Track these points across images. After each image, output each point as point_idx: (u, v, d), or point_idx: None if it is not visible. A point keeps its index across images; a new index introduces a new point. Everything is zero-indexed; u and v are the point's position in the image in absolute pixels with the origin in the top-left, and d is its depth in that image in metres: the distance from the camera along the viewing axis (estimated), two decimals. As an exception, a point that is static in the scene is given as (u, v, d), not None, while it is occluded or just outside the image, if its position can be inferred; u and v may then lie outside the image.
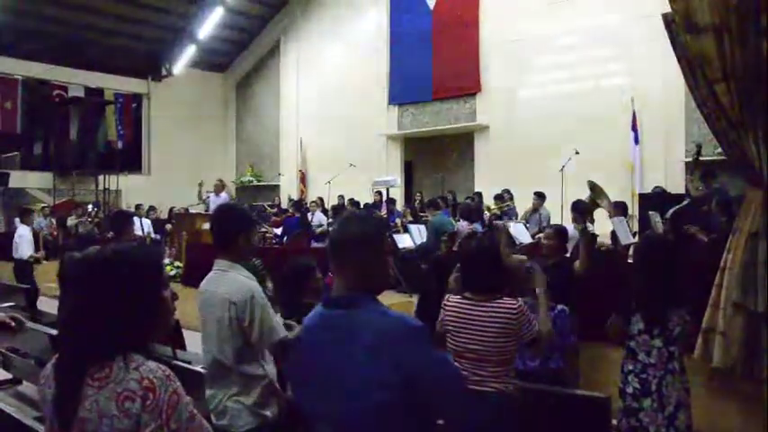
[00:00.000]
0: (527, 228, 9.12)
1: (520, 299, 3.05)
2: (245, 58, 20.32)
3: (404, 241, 9.23)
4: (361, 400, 1.66)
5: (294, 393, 2.23)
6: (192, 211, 12.25)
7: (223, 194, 12.11)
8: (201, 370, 3.36)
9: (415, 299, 7.04)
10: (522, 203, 10.91)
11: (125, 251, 1.64)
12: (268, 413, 2.71)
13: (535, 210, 10.17)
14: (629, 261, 6.23)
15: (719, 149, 8.16)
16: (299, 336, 2.01)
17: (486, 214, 10.14)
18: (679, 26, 4.32)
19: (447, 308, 3.08)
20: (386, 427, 1.68)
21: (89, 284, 1.58)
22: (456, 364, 1.91)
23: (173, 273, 10.01)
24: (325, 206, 13.44)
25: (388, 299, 7.32)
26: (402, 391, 1.64)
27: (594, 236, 6.93)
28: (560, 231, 5.25)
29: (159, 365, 1.53)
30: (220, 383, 2.70)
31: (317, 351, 1.78)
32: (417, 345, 1.69)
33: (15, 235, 9.45)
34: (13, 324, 3.04)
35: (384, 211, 11.37)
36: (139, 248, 1.73)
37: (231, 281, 2.69)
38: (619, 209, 7.70)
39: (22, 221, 9.59)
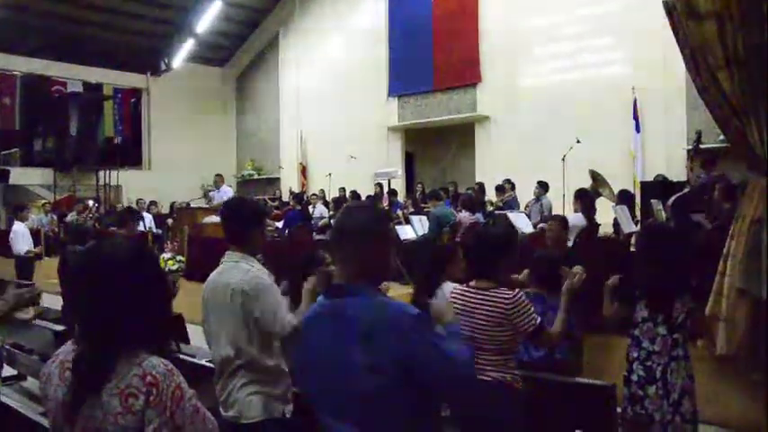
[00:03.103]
0: (529, 218, 9.12)
1: (518, 289, 3.04)
2: (244, 51, 20.26)
3: (406, 232, 9.24)
4: (359, 386, 1.69)
5: (298, 383, 2.24)
6: (193, 205, 12.24)
7: (225, 188, 12.11)
8: (206, 363, 3.36)
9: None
10: (524, 193, 10.90)
11: (121, 245, 1.64)
12: (282, 408, 2.71)
13: (537, 199, 10.16)
14: (632, 249, 6.23)
15: (721, 137, 8.15)
16: (301, 325, 2.02)
17: (489, 208, 10.14)
18: (680, 13, 4.30)
19: (453, 297, 3.09)
20: (385, 413, 1.70)
21: (87, 279, 1.58)
22: (464, 347, 1.90)
23: (175, 267, 10.01)
24: (327, 198, 13.45)
25: (391, 290, 7.32)
26: (399, 378, 1.66)
27: (597, 224, 6.94)
28: (561, 222, 5.27)
29: (162, 360, 1.52)
30: (232, 375, 2.70)
31: (318, 340, 1.80)
32: (415, 331, 1.70)
33: (11, 231, 9.50)
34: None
35: (385, 203, 11.37)
36: (134, 242, 1.73)
37: (243, 272, 2.70)
38: (623, 197, 7.69)
39: (17, 218, 9.64)
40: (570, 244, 5.78)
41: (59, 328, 5.11)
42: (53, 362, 1.60)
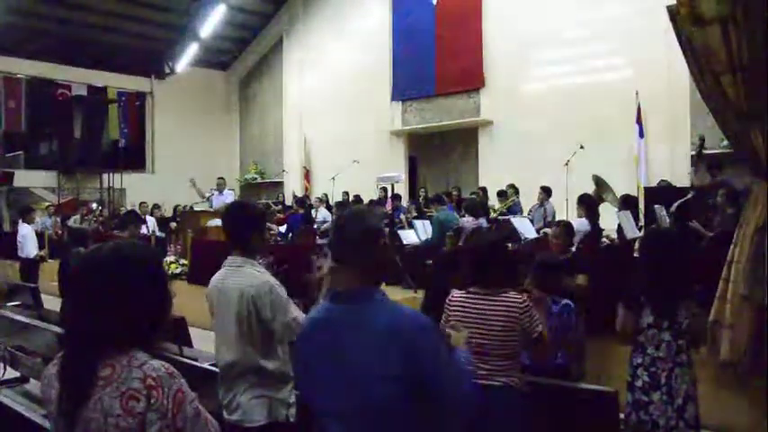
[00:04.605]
0: (532, 223, 9.10)
1: (525, 293, 3.05)
2: (248, 55, 20.31)
3: (409, 237, 9.22)
4: (371, 393, 1.67)
5: (301, 389, 2.23)
6: (196, 208, 12.24)
7: (227, 192, 12.11)
8: (208, 367, 3.36)
9: (420, 294, 7.03)
10: (527, 198, 10.88)
11: (125, 248, 1.63)
12: (285, 411, 2.71)
13: (540, 204, 10.15)
14: (635, 255, 6.21)
15: (725, 142, 8.13)
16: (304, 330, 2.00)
17: (492, 214, 10.12)
18: (684, 18, 4.30)
19: (452, 303, 3.09)
20: (393, 421, 1.69)
21: (89, 281, 1.57)
22: (466, 360, 1.91)
23: (178, 270, 10.03)
24: (330, 203, 13.45)
25: (394, 295, 7.31)
26: (411, 387, 1.65)
27: (600, 230, 6.92)
28: (567, 227, 5.28)
29: (162, 363, 1.52)
30: (236, 379, 2.70)
31: (325, 345, 1.78)
32: (428, 340, 1.70)
33: (18, 235, 9.50)
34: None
35: (389, 207, 11.36)
36: (139, 245, 1.73)
37: (248, 276, 2.70)
38: (627, 202, 7.66)
39: (24, 221, 9.64)
40: (573, 249, 5.77)
41: (62, 330, 5.11)
42: (54, 365, 1.60)
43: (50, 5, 16.03)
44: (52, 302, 6.52)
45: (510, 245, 7.61)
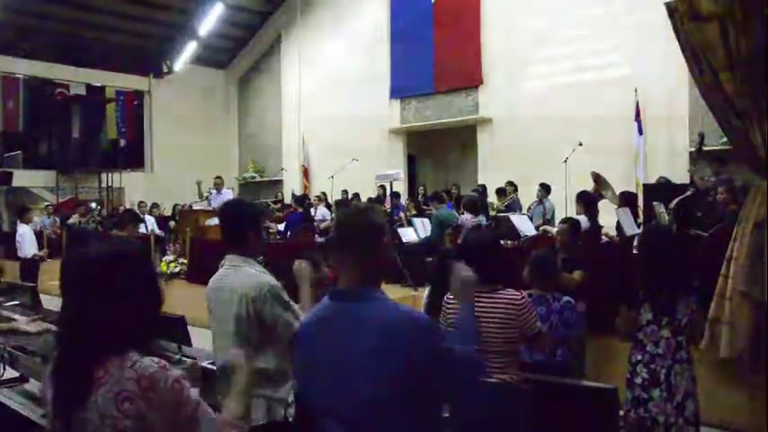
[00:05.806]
0: (531, 220, 9.09)
1: (523, 291, 3.05)
2: (247, 54, 20.26)
3: (408, 235, 9.22)
4: (369, 392, 1.66)
5: (300, 388, 2.23)
6: (195, 207, 12.23)
7: (225, 191, 12.10)
8: (207, 365, 3.35)
9: (419, 293, 7.03)
10: (526, 196, 10.89)
11: (112, 246, 1.63)
12: (284, 411, 2.70)
13: (540, 202, 10.15)
14: (634, 252, 6.21)
15: (724, 139, 8.13)
16: (302, 329, 1.99)
17: (492, 212, 10.12)
18: (683, 15, 4.29)
19: (450, 301, 3.09)
20: (392, 421, 1.67)
21: (79, 281, 1.57)
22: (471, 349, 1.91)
23: (177, 269, 10.02)
24: (329, 201, 13.44)
25: (393, 293, 7.31)
26: (409, 385, 1.64)
27: (599, 227, 6.93)
28: (574, 225, 5.25)
29: (152, 359, 1.50)
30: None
31: (325, 343, 1.77)
32: (428, 340, 1.69)
33: (17, 235, 9.50)
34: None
35: (388, 205, 11.36)
36: (127, 242, 1.73)
37: (247, 275, 2.69)
38: (626, 199, 7.66)
39: (22, 220, 9.64)
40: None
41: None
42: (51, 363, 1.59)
43: (48, 4, 15.98)
44: (52, 302, 6.51)
45: (508, 242, 7.64)
